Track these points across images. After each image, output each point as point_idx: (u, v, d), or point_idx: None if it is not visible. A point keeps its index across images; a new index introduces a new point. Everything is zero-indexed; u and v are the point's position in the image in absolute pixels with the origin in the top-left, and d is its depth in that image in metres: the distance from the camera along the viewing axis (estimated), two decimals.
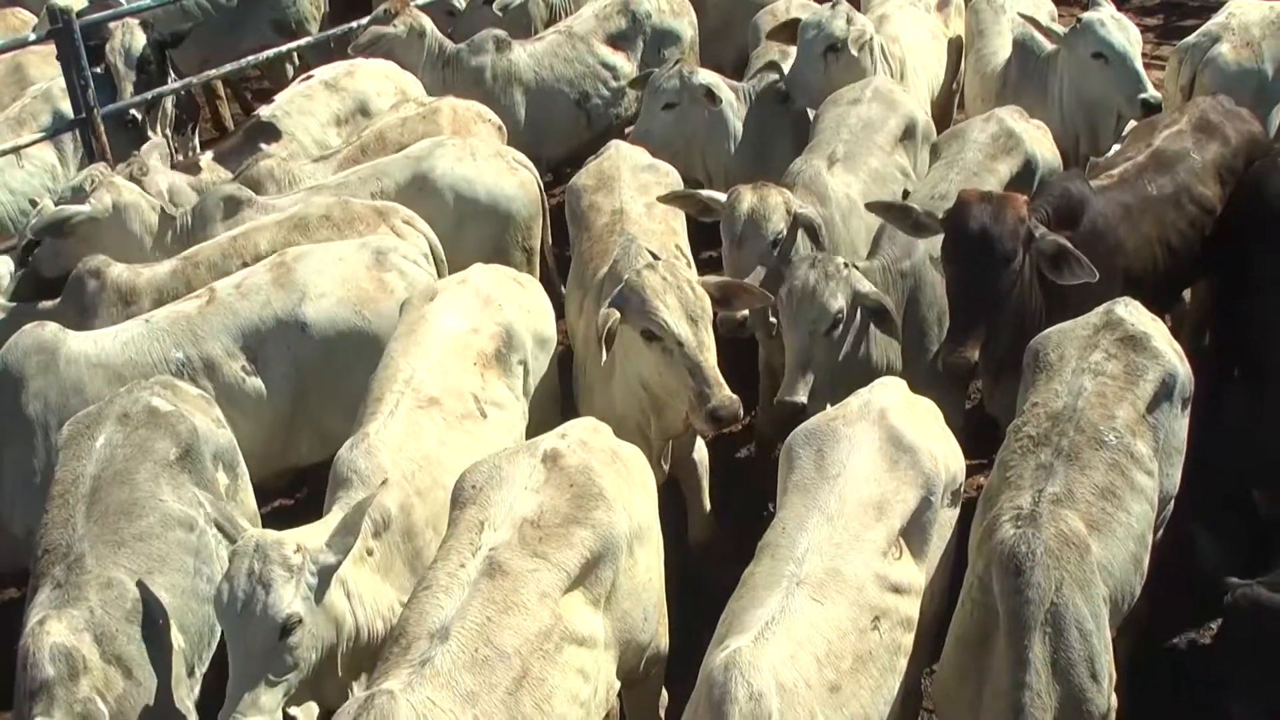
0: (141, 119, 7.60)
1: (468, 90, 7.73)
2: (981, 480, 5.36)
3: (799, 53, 7.25)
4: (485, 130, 7.30)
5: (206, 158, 7.26)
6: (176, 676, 4.24)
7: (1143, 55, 7.17)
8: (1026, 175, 6.33)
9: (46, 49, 7.67)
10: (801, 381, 5.14)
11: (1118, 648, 4.17)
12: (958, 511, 4.54)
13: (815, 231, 5.74)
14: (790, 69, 7.29)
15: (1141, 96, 6.89)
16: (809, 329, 5.19)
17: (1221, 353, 6.30)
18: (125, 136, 7.47)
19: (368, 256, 5.66)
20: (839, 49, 7.11)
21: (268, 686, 3.87)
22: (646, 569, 4.35)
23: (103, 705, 3.92)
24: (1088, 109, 7.25)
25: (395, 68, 7.90)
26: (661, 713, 4.91)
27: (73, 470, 4.51)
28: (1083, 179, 5.80)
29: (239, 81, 10.43)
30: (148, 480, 4.50)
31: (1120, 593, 4.21)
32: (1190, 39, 7.52)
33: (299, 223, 6.07)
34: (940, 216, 5.29)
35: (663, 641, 4.56)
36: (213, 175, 6.99)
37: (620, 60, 8.37)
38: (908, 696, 4.26)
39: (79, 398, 5.14)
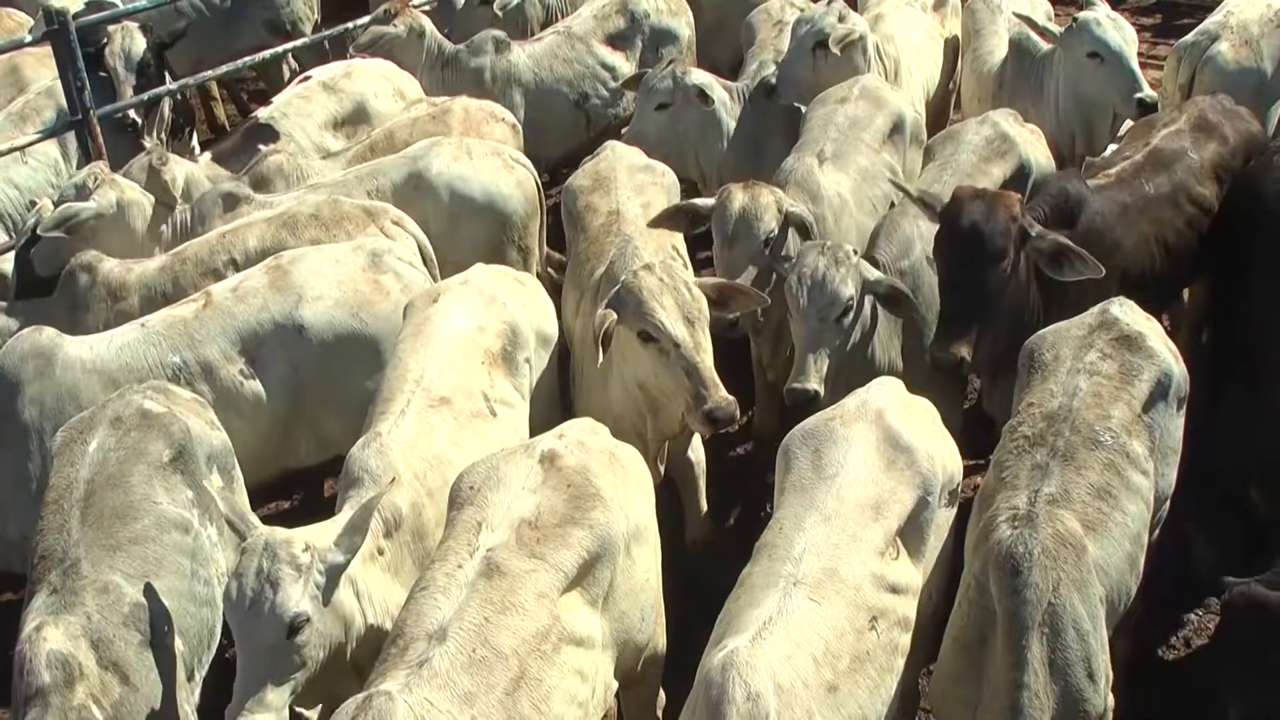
0: (140, 122, 7.59)
1: (467, 91, 7.72)
2: (979, 480, 5.35)
3: (790, 48, 7.27)
4: (499, 130, 7.28)
5: (205, 159, 7.24)
6: (176, 681, 4.22)
7: (1139, 54, 7.18)
8: (1020, 179, 6.33)
9: (43, 50, 7.66)
10: (814, 368, 5.08)
11: (1114, 647, 4.17)
12: (955, 511, 4.54)
13: (807, 230, 5.72)
14: (780, 64, 7.30)
15: (1137, 96, 6.89)
16: (820, 315, 5.13)
17: (1219, 352, 6.30)
18: (123, 140, 7.46)
19: (363, 259, 5.65)
20: (829, 45, 7.11)
21: (275, 685, 3.87)
22: (644, 569, 4.35)
23: (97, 712, 3.90)
24: (1084, 108, 7.26)
25: (393, 68, 7.89)
26: (659, 713, 4.91)
27: (66, 476, 4.49)
28: (1080, 178, 5.79)
29: (234, 83, 10.42)
30: (141, 483, 4.48)
31: (1116, 592, 4.21)
32: (1189, 38, 7.51)
33: (287, 220, 6.07)
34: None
35: (660, 642, 4.56)
36: (213, 175, 6.99)
37: (619, 60, 8.37)
38: (905, 696, 4.26)
39: (75, 403, 5.13)
